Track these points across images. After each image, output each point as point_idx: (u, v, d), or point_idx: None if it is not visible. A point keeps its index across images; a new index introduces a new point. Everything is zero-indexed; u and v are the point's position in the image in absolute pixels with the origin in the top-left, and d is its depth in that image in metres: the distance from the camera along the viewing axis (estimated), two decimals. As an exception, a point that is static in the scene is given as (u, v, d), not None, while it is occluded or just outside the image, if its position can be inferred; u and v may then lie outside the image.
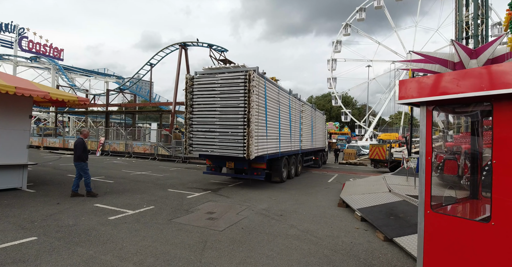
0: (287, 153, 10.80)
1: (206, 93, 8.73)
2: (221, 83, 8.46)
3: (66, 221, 5.08)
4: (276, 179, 10.21)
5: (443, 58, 10.76)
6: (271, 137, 9.36)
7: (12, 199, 6.50)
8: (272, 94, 9.50)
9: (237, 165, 9.00)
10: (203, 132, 8.74)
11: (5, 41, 34.10)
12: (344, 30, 46.60)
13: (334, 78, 48.10)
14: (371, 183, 8.97)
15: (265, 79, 8.90)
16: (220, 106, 8.45)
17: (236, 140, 8.10)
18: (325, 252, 4.12)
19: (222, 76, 8.46)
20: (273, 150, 9.48)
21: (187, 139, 8.99)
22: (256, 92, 8.07)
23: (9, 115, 7.31)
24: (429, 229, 2.62)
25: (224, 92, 8.40)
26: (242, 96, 8.05)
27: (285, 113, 10.86)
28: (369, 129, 45.50)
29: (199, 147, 8.86)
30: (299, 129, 12.65)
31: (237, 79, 8.20)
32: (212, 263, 3.66)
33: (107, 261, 3.58)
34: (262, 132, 8.61)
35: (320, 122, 17.79)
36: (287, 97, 11.18)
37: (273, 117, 9.58)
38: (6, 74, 8.06)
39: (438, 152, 4.54)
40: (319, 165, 17.05)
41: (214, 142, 8.54)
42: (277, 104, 9.95)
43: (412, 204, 5.95)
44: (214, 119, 8.56)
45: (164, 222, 5.26)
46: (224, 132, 8.37)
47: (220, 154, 8.46)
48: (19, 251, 3.76)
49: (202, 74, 8.94)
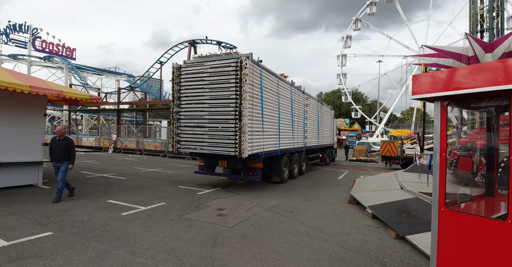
0: (289, 150, 10.00)
1: (194, 84, 7.80)
2: (210, 72, 7.51)
3: (80, 217, 5.20)
4: (276, 179, 9.37)
5: (457, 52, 10.49)
6: (269, 133, 8.54)
7: (28, 195, 6.69)
8: (270, 85, 8.62)
9: (230, 164, 8.15)
10: (191, 127, 7.87)
11: (19, 41, 34.97)
12: (354, 25, 45.85)
13: (344, 74, 47.47)
14: (382, 180, 8.86)
15: (261, 68, 7.99)
16: (210, 98, 7.54)
17: (226, 136, 7.27)
18: (335, 249, 4.10)
19: (211, 65, 7.50)
20: (272, 147, 8.67)
21: (174, 135, 8.13)
22: (249, 81, 7.16)
23: (24, 114, 7.50)
24: (443, 227, 2.57)
25: (213, 82, 7.48)
26: (233, 87, 7.14)
27: (286, 107, 9.98)
28: (380, 125, 44.83)
29: (187, 144, 8.00)
30: (303, 125, 11.78)
31: (227, 67, 7.27)
32: (223, 259, 3.69)
33: (121, 256, 3.65)
34: (258, 128, 7.78)
35: (328, 118, 16.90)
36: (289, 89, 10.27)
37: (272, 111, 8.72)
38: (21, 74, 8.27)
39: (452, 149, 4.44)
40: (326, 162, 16.29)
41: (203, 138, 7.69)
42: (277, 97, 9.08)
43: (425, 201, 5.86)
44: (203, 113, 7.66)
45: (175, 218, 5.32)
46: (213, 128, 7.51)
47: (209, 151, 7.61)
48: (35, 245, 3.87)
49: (192, 63, 7.99)
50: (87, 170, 11.32)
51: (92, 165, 13.12)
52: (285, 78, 10.55)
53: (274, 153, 8.79)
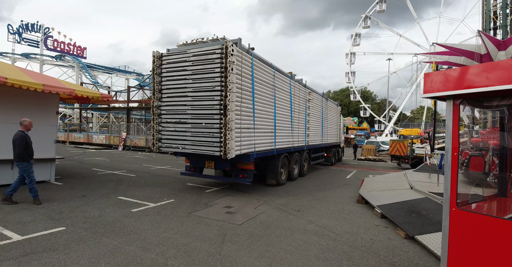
0: (287, 150, 9.15)
1: (176, 75, 7.01)
2: (193, 61, 6.70)
3: (92, 213, 5.31)
4: (272, 182, 8.51)
5: (469, 50, 10.28)
6: (262, 130, 7.72)
7: (41, 191, 6.84)
8: (263, 76, 7.72)
9: (218, 165, 7.38)
10: (172, 124, 7.13)
11: (32, 40, 35.67)
12: (364, 22, 45.29)
13: (352, 72, 47.00)
14: (391, 180, 8.77)
15: (252, 56, 7.08)
16: (192, 90, 6.74)
17: (211, 133, 6.51)
18: (344, 248, 4.10)
19: (194, 52, 6.68)
20: (266, 146, 7.86)
21: (155, 132, 7.37)
22: (237, 71, 6.38)
23: (37, 112, 7.67)
24: (454, 227, 2.54)
25: (196, 72, 6.67)
26: (218, 77, 6.35)
27: (285, 102, 9.09)
28: (389, 124, 44.29)
29: (168, 142, 7.24)
30: (304, 122, 10.87)
31: (211, 54, 6.45)
32: (232, 255, 3.72)
33: (131, 251, 3.72)
34: (248, 124, 6.97)
35: (334, 115, 15.85)
36: (287, 82, 9.29)
37: (266, 105, 7.89)
38: (34, 72, 8.45)
39: (463, 148, 4.37)
40: (331, 162, 15.41)
41: (185, 136, 6.92)
42: (272, 90, 8.20)
43: (435, 201, 5.79)
44: (185, 107, 6.88)
45: (184, 215, 5.39)
46: (197, 124, 6.74)
47: (192, 151, 6.84)
48: (49, 240, 3.97)
49: (174, 51, 7.18)
50: (98, 167, 11.52)
51: (102, 162, 13.34)
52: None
53: (268, 152, 8.01)
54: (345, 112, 66.10)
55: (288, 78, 9.40)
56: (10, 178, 7.13)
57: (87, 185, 7.87)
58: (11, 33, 34.27)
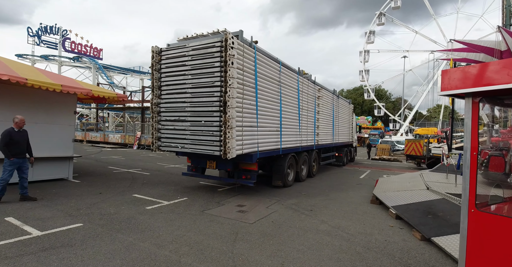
0: (295, 149, 8.75)
1: (175, 70, 6.68)
2: (192, 55, 6.36)
3: (108, 210, 5.44)
4: (278, 183, 8.11)
5: (488, 46, 9.95)
6: (267, 128, 7.31)
7: (60, 188, 7.07)
8: (268, 71, 7.32)
9: (220, 165, 7.03)
10: (171, 122, 6.85)
11: (50, 42, 36.73)
12: (378, 19, 44.39)
13: (366, 70, 46.20)
14: (406, 180, 8.58)
15: (255, 50, 6.68)
16: (192, 86, 6.41)
17: (210, 131, 6.17)
18: (357, 249, 4.04)
19: (193, 46, 6.33)
20: (270, 146, 7.46)
21: (155, 130, 7.09)
22: (238, 65, 6.01)
23: (56, 111, 7.92)
24: (473, 229, 2.46)
25: (195, 67, 6.33)
26: (217, 72, 6.00)
27: (291, 99, 8.64)
28: (405, 123, 43.32)
29: (167, 141, 6.97)
30: (313, 120, 10.41)
31: (210, 48, 6.09)
32: (244, 254, 3.73)
33: (146, 248, 3.79)
34: (250, 122, 6.59)
35: (346, 113, 15.23)
36: (295, 78, 8.83)
37: (271, 102, 7.48)
38: (52, 73, 8.72)
39: (482, 148, 4.23)
40: (343, 162, 14.81)
41: (184, 134, 6.62)
42: (278, 86, 7.80)
43: (453, 202, 5.62)
44: (185, 104, 6.56)
45: (197, 213, 5.44)
46: (196, 122, 6.42)
47: (192, 150, 6.54)
48: (67, 236, 4.10)
49: (174, 46, 6.83)
50: (113, 165, 11.79)
51: (118, 161, 13.65)
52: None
53: (273, 152, 7.60)
54: (358, 111, 65.10)
55: (296, 74, 8.94)
56: (30, 175, 7.37)
57: (103, 182, 8.07)
58: (30, 35, 35.40)
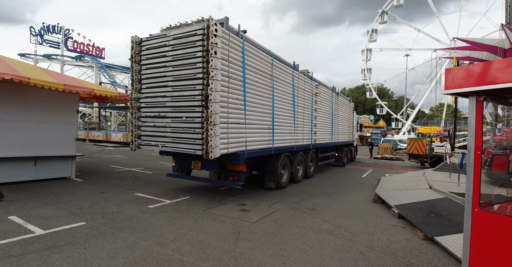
0: (289, 148, 8.23)
1: (156, 62, 6.17)
2: (173, 45, 5.81)
3: (110, 208, 5.46)
4: (270, 184, 7.65)
5: (491, 44, 9.89)
6: (257, 126, 6.79)
7: (63, 187, 7.10)
8: (258, 64, 6.78)
9: (205, 165, 6.58)
10: (152, 118, 6.36)
11: (52, 42, 36.87)
12: (380, 18, 44.24)
13: (369, 69, 46.04)
14: (409, 179, 8.56)
15: (243, 40, 6.17)
16: (173, 79, 5.87)
17: (191, 129, 5.64)
18: (360, 248, 4.03)
19: (174, 35, 5.78)
20: (261, 145, 6.94)
21: (134, 127, 6.59)
22: (222, 55, 5.48)
23: (59, 111, 7.94)
24: (476, 229, 2.45)
25: (176, 58, 5.78)
26: (199, 63, 5.44)
27: (285, 94, 8.11)
28: (407, 122, 43.17)
29: (148, 139, 6.47)
30: (310, 118, 9.90)
31: (192, 36, 5.52)
32: (246, 253, 3.73)
33: (148, 246, 3.80)
34: (237, 118, 6.07)
35: (346, 111, 14.68)
36: (290, 73, 8.33)
37: (261, 97, 6.95)
38: (55, 73, 8.74)
39: (486, 147, 4.20)
40: (343, 162, 14.20)
41: (165, 132, 6.11)
42: (270, 80, 7.26)
43: (456, 201, 5.60)
44: (165, 99, 6.03)
45: (199, 212, 5.45)
46: (177, 118, 5.90)
47: (173, 149, 6.02)
48: (70, 234, 4.11)
49: (155, 35, 6.28)
50: (116, 164, 11.83)
51: (120, 159, 13.69)
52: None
53: (264, 151, 7.04)
54: (360, 110, 64.93)
55: (291, 68, 8.42)
56: (33, 174, 7.44)
57: (106, 181, 8.10)
58: (33, 35, 35.53)
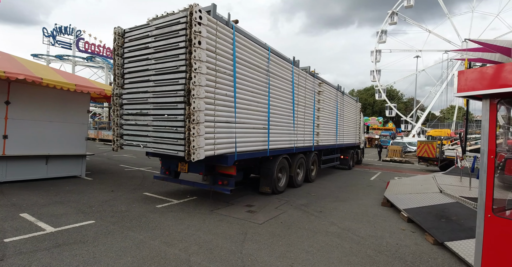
0: (287, 150, 7.61)
1: (138, 55, 5.63)
2: (156, 35, 5.28)
3: (119, 207, 5.52)
4: (266, 189, 7.07)
5: (504, 46, 9.68)
6: (249, 125, 6.18)
7: (73, 186, 7.21)
8: (252, 57, 6.20)
9: (193, 168, 6.01)
10: (133, 116, 5.82)
11: (64, 42, 37.58)
12: (390, 18, 43.80)
13: (378, 70, 45.64)
14: (419, 182, 8.43)
15: (234, 30, 5.59)
16: (155, 73, 5.34)
17: (174, 127, 5.08)
18: (368, 252, 3.98)
19: (157, 24, 5.24)
20: (254, 146, 6.32)
21: (116, 126, 6.09)
22: (208, 46, 4.92)
23: (70, 110, 8.08)
24: (489, 234, 2.39)
25: (159, 49, 5.25)
26: (183, 54, 4.89)
27: (283, 92, 7.47)
28: (417, 124, 42.55)
29: (130, 138, 5.95)
30: (312, 118, 9.30)
31: (175, 25, 4.97)
32: (253, 254, 3.73)
33: (156, 246, 3.83)
34: (226, 116, 5.49)
35: (352, 111, 14.08)
36: (289, 69, 7.70)
37: (255, 94, 6.37)
38: (66, 73, 8.90)
39: (498, 150, 4.10)
40: (348, 165, 13.57)
41: (147, 131, 5.58)
42: (266, 76, 6.68)
43: (467, 206, 5.49)
44: (147, 95, 5.50)
45: (206, 213, 5.47)
46: (159, 116, 5.36)
47: (154, 150, 5.49)
48: (79, 232, 4.17)
49: (138, 26, 5.73)
50: (125, 164, 11.97)
51: (129, 159, 13.84)
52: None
53: (258, 153, 6.46)
54: (369, 111, 64.30)
55: (290, 64, 7.77)
56: (44, 172, 7.58)
57: (115, 180, 8.20)
58: (46, 36, 36.28)
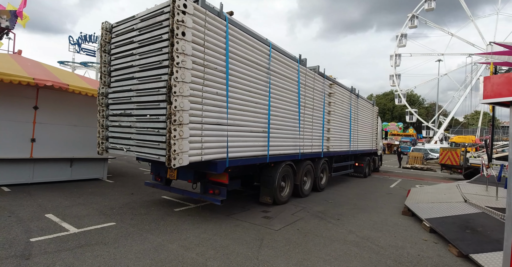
0: (291, 156, 6.98)
1: (124, 50, 5.24)
2: (140, 28, 4.86)
3: (139, 210, 5.65)
4: (266, 199, 6.45)
5: (533, 49, 9.24)
6: (245, 127, 5.58)
7: (95, 188, 7.45)
8: (249, 53, 5.64)
9: (182, 174, 5.54)
10: (117, 116, 5.41)
11: (89, 50, 39.20)
12: (410, 22, 42.90)
13: (397, 75, 44.60)
14: (442, 191, 8.11)
15: (227, 22, 5.07)
16: (139, 69, 4.88)
17: (156, 129, 4.58)
18: (388, 263, 3.86)
19: (142, 16, 4.84)
20: (251, 151, 5.70)
21: (102, 128, 5.74)
22: (195, 39, 4.42)
23: (94, 115, 8.37)
24: (519, 248, 2.27)
25: (143, 43, 4.81)
26: (166, 47, 4.41)
27: (287, 92, 6.86)
28: (439, 131, 41.10)
29: (114, 141, 5.55)
30: (322, 121, 8.57)
31: (159, 15, 4.54)
32: (269, 261, 3.70)
33: (174, 249, 3.88)
34: (216, 117, 4.91)
35: (368, 116, 13.25)
36: (294, 67, 7.08)
37: (253, 94, 5.75)
38: (91, 79, 9.28)
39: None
40: (364, 173, 12.68)
41: (130, 133, 5.11)
42: (266, 74, 6.10)
43: (493, 217, 5.23)
44: (131, 93, 5.05)
45: (223, 217, 5.49)
46: (141, 117, 4.87)
47: (137, 154, 4.96)
48: (101, 234, 4.30)
49: (125, 20, 5.31)
50: (144, 167, 12.25)
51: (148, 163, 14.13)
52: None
53: (255, 159, 5.83)
54: (388, 117, 62.81)
55: (295, 62, 7.15)
56: (69, 174, 7.88)
57: (135, 183, 8.41)
58: (71, 44, 38.02)
